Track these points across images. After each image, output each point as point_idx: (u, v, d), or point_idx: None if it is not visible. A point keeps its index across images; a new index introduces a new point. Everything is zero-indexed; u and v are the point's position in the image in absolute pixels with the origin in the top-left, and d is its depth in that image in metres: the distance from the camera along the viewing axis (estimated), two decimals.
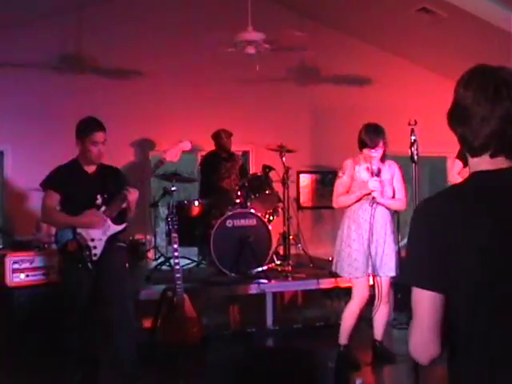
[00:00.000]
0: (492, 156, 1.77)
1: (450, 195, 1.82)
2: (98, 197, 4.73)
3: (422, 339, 1.76)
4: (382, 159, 5.24)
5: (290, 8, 9.07)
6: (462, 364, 1.74)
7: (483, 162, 1.78)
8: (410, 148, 4.31)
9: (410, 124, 4.31)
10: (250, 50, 6.82)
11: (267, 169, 7.45)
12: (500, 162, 1.77)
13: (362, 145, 5.18)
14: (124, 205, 4.72)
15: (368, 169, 5.20)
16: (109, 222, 4.74)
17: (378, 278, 5.25)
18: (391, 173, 5.30)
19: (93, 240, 4.70)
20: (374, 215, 5.16)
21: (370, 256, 5.18)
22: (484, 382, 1.70)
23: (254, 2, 7.02)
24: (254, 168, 9.09)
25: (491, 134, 1.74)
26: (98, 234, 4.72)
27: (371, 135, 5.14)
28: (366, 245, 5.17)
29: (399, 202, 5.28)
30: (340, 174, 5.31)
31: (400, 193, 5.31)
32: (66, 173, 4.81)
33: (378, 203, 5.17)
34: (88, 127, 4.76)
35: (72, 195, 4.72)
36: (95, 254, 4.69)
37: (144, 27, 8.47)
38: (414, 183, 4.07)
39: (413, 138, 4.32)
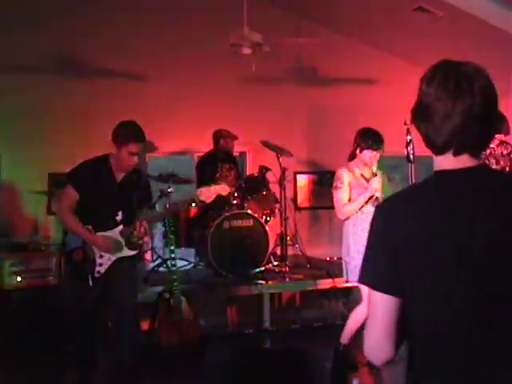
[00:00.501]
0: (455, 154, 1.74)
1: (410, 195, 1.81)
2: (120, 213, 4.55)
3: (376, 341, 1.75)
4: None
5: (286, 8, 9.07)
6: (431, 365, 1.72)
7: (447, 161, 1.76)
8: (406, 148, 4.31)
9: (405, 124, 4.31)
10: (246, 50, 6.80)
11: (264, 169, 7.45)
12: (464, 161, 1.74)
13: (363, 147, 5.18)
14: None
15: (362, 175, 5.22)
16: (122, 243, 4.57)
17: None
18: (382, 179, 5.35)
19: (101, 257, 4.52)
20: None
21: None
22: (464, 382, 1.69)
23: (250, 2, 7.01)
24: (250, 169, 9.09)
25: (453, 131, 1.71)
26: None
27: (376, 138, 5.17)
28: None
29: None
30: (338, 184, 5.26)
31: None
32: (93, 173, 4.54)
33: None
34: (128, 135, 4.48)
35: (93, 200, 4.50)
36: (98, 272, 4.51)
37: (142, 29, 8.45)
38: (411, 183, 4.08)
39: (409, 137, 4.32)
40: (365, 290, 5.36)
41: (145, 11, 8.47)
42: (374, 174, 5.12)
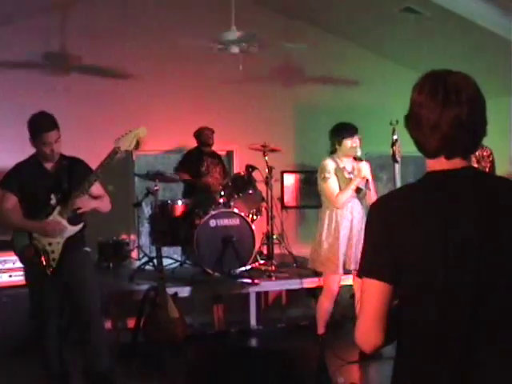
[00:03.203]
0: (447, 158, 1.82)
1: (405, 193, 1.90)
2: (52, 196, 4.47)
3: (366, 327, 1.82)
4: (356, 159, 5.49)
5: (274, 7, 9.07)
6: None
7: (439, 163, 1.84)
8: (392, 147, 4.34)
9: (391, 124, 4.33)
10: (234, 49, 6.82)
11: (250, 168, 7.45)
12: (455, 163, 1.82)
13: (341, 138, 5.41)
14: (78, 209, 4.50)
15: (344, 168, 5.43)
16: (65, 223, 4.50)
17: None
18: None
19: (50, 244, 4.47)
20: (352, 212, 5.43)
21: (351, 252, 5.39)
22: None
23: (238, 1, 7.01)
24: (237, 168, 9.09)
25: (442, 139, 1.78)
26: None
27: (348, 126, 5.45)
28: (347, 242, 5.40)
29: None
30: (326, 175, 5.45)
31: (374, 191, 5.54)
32: (25, 172, 4.53)
33: (363, 197, 5.43)
34: (37, 128, 4.44)
35: (29, 195, 4.49)
36: (53, 259, 4.47)
37: (129, 27, 8.42)
38: (394, 182, 4.10)
39: (394, 137, 4.34)
40: (328, 281, 5.52)
41: (131, 10, 8.44)
42: (360, 159, 5.26)
